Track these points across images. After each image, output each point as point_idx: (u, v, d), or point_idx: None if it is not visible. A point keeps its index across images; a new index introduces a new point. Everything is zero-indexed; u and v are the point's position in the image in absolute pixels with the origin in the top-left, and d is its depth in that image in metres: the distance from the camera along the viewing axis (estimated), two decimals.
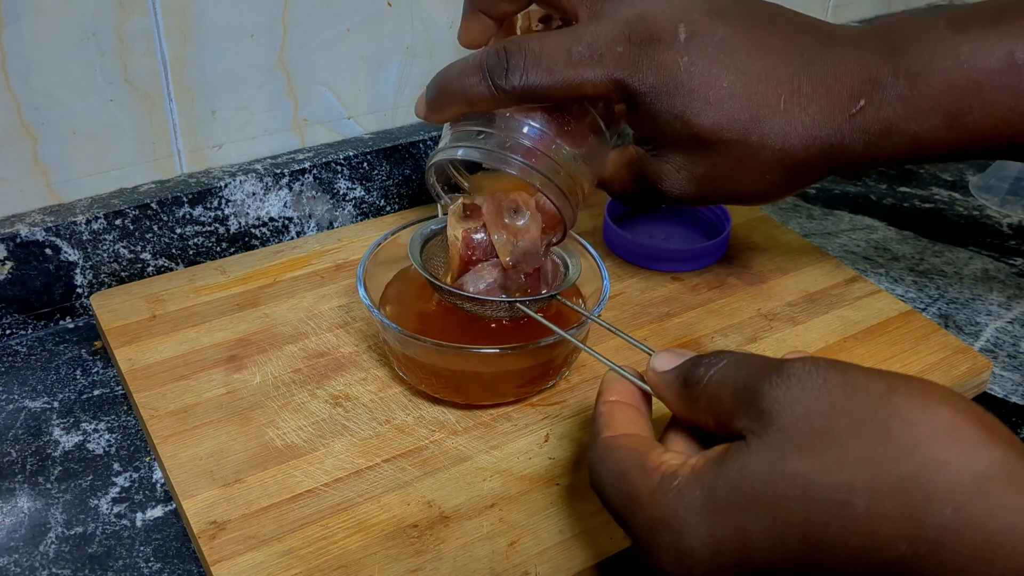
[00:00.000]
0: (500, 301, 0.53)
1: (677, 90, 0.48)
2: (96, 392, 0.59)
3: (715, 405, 0.38)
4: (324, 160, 0.71)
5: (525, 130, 0.50)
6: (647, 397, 0.44)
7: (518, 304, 0.53)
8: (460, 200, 0.55)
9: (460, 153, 0.51)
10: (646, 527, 0.37)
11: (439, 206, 0.57)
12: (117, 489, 0.53)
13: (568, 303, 0.55)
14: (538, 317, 0.52)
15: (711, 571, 0.35)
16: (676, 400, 0.41)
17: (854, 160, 0.50)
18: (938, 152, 0.49)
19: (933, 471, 0.32)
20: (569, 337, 0.51)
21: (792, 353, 0.41)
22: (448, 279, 0.55)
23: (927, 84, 0.47)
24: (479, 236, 0.53)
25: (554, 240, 0.54)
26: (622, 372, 0.44)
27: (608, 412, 0.42)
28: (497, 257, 0.53)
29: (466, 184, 0.56)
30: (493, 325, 0.56)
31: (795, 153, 0.49)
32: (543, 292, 0.54)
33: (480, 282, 0.53)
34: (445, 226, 0.56)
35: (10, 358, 0.61)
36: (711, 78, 0.48)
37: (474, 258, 0.54)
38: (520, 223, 0.52)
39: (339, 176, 0.72)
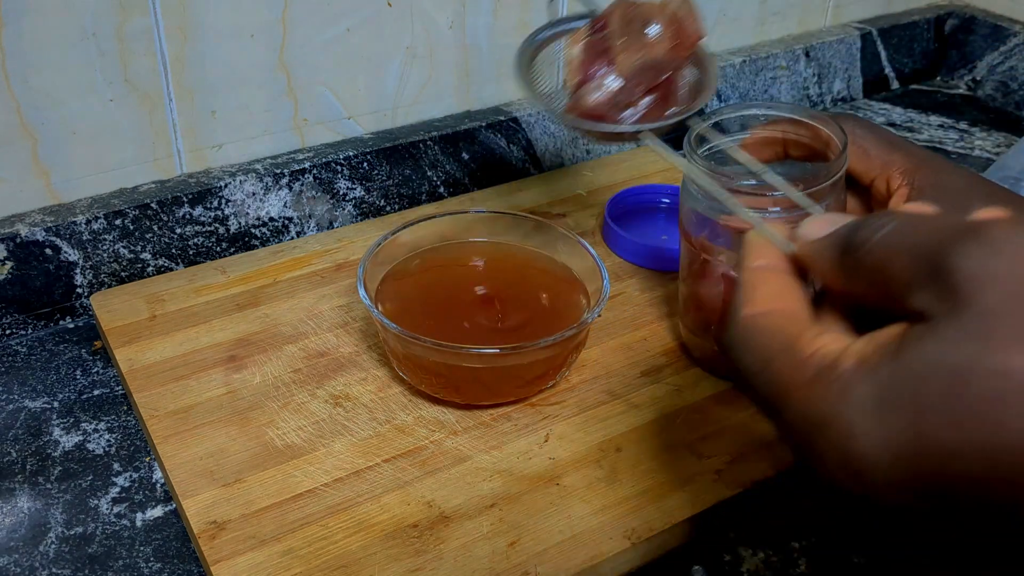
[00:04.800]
0: (622, 131, 0.47)
1: None
2: (96, 392, 0.59)
3: (883, 275, 0.31)
4: (324, 160, 0.71)
5: None
6: (800, 264, 0.36)
7: (641, 133, 0.46)
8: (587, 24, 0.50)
9: None
10: (800, 426, 0.31)
11: (548, 8, 0.53)
12: (117, 489, 0.53)
13: (695, 123, 0.49)
14: (663, 146, 0.46)
15: (886, 480, 0.29)
16: (831, 270, 0.33)
17: None
18: None
19: None
20: (717, 177, 0.45)
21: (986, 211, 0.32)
22: (563, 100, 0.50)
23: None
24: (600, 47, 0.48)
25: (685, 57, 0.49)
26: (768, 232, 0.37)
27: (750, 282, 0.35)
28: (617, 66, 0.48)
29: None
30: (496, 325, 0.57)
31: None
32: (670, 112, 0.48)
33: (599, 92, 0.47)
34: (551, 36, 0.51)
35: (10, 358, 0.61)
36: None
37: (593, 71, 0.48)
38: (648, 35, 0.47)
39: (339, 176, 0.72)
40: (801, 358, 0.32)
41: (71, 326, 0.64)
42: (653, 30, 0.47)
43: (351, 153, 0.72)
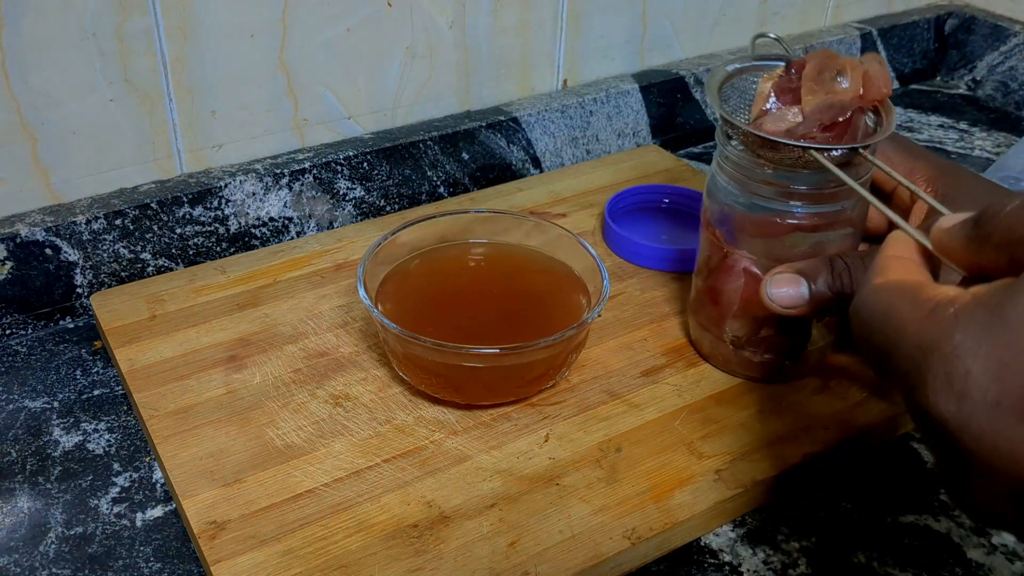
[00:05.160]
0: (794, 144, 0.49)
1: None
2: (96, 392, 0.59)
3: (1012, 236, 0.33)
4: (324, 160, 0.71)
5: None
6: (934, 263, 0.39)
7: (811, 150, 0.49)
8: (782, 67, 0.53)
9: None
10: (911, 356, 0.32)
11: (751, 47, 0.56)
12: (117, 489, 0.53)
13: (871, 159, 0.49)
14: (830, 166, 0.48)
15: (989, 398, 0.30)
16: (963, 246, 0.36)
17: None
18: None
19: None
20: (859, 188, 0.47)
21: None
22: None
23: None
24: (790, 87, 0.51)
25: (870, 113, 0.51)
26: (908, 230, 0.40)
27: (884, 263, 0.38)
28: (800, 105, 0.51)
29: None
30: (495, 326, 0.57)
31: None
32: (843, 144, 0.50)
33: (780, 123, 0.50)
34: (748, 67, 0.55)
35: (10, 358, 0.61)
36: None
37: (778, 104, 0.52)
38: (836, 84, 0.50)
39: (339, 176, 0.72)
40: (921, 299, 0.34)
41: (71, 326, 0.64)
42: (842, 81, 0.50)
43: (351, 153, 0.72)
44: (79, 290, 0.64)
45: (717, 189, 0.54)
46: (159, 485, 0.53)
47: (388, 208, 0.75)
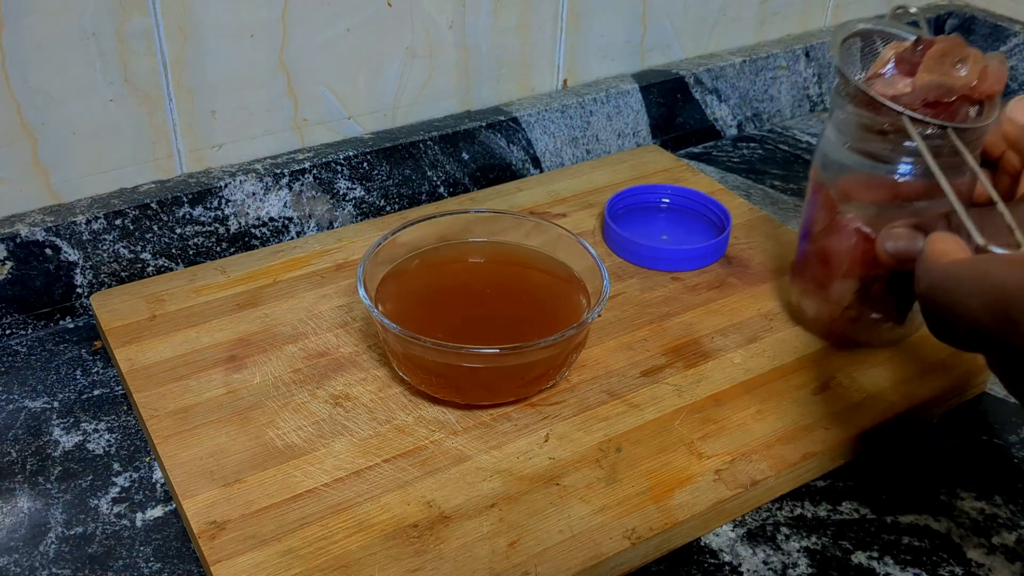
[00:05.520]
0: (889, 106, 0.51)
1: None
2: (96, 392, 0.59)
3: None
4: (324, 160, 0.71)
5: None
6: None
7: (904, 115, 0.51)
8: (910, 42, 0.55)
9: None
10: (1018, 304, 0.36)
11: (890, 13, 0.58)
12: (117, 489, 0.53)
13: (956, 141, 0.51)
14: (913, 131, 0.50)
15: None
16: None
17: None
18: None
19: None
20: (939, 175, 0.49)
21: None
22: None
23: None
24: (911, 61, 0.53)
25: (980, 109, 0.53)
26: (968, 224, 0.43)
27: (937, 248, 0.41)
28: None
29: None
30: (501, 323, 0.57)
31: None
32: (940, 120, 0.51)
33: (889, 88, 0.53)
34: (879, 31, 0.57)
35: (10, 358, 0.61)
36: None
37: (893, 72, 0.54)
38: (954, 70, 0.52)
39: (339, 176, 0.72)
40: (1013, 260, 0.37)
41: (71, 326, 0.64)
42: (961, 69, 0.52)
43: (351, 153, 0.72)
44: (79, 290, 0.64)
45: (830, 148, 0.56)
46: (159, 485, 0.53)
47: (388, 208, 0.75)
